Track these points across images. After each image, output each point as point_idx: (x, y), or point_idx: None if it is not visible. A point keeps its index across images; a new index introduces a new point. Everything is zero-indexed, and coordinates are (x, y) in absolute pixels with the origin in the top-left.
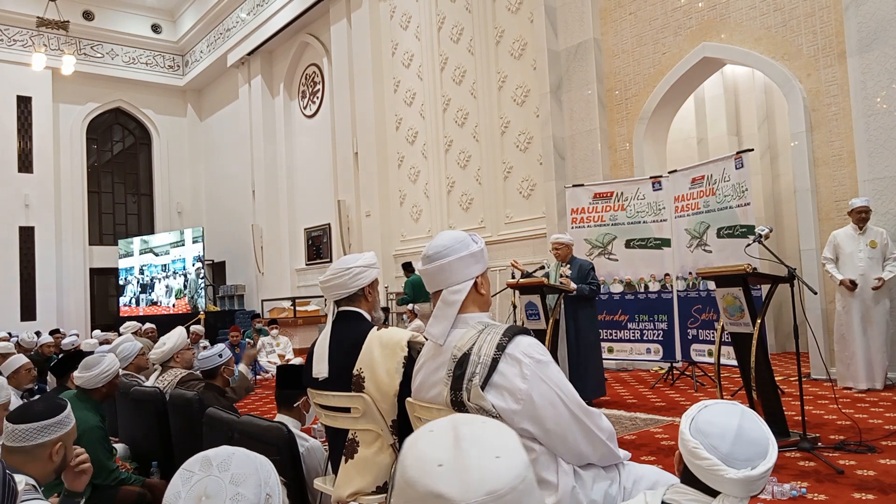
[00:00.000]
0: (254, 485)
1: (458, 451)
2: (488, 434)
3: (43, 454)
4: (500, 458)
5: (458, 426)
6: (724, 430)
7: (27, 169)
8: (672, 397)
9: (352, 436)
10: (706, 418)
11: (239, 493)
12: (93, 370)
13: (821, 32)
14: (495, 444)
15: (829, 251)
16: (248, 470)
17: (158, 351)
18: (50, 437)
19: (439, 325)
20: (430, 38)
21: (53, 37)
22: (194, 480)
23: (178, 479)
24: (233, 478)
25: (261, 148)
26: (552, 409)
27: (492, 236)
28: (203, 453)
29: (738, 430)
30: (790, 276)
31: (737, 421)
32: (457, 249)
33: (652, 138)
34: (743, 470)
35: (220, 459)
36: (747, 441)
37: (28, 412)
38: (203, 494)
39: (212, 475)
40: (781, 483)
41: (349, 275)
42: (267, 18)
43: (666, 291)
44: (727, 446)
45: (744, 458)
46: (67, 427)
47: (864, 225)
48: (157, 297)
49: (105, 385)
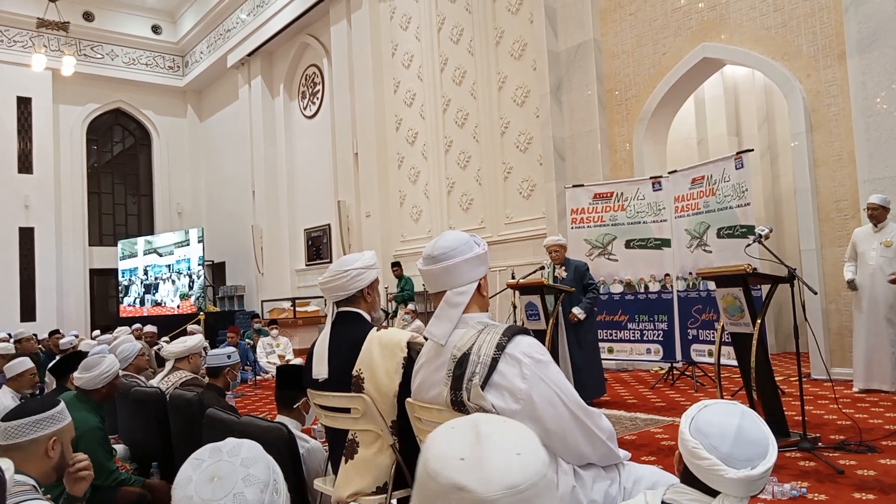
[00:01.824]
0: (263, 467)
1: (480, 446)
2: (509, 432)
3: (38, 450)
4: (520, 454)
5: (479, 423)
6: (724, 430)
7: (27, 170)
8: (672, 397)
9: (352, 436)
10: (706, 418)
11: (250, 473)
12: (93, 371)
13: (821, 33)
14: (517, 441)
15: (849, 250)
16: (257, 454)
17: (180, 346)
18: (43, 433)
19: (442, 325)
20: (430, 38)
21: (53, 38)
22: (205, 466)
23: (188, 465)
24: (243, 461)
25: (261, 148)
26: (552, 409)
27: (492, 237)
28: (211, 444)
29: (738, 430)
30: (790, 277)
31: (737, 421)
32: (463, 251)
33: (652, 139)
34: (743, 470)
35: (229, 447)
36: (747, 441)
37: (21, 409)
38: (215, 476)
39: (222, 460)
40: (782, 483)
41: (347, 276)
42: (267, 19)
43: (666, 292)
44: (727, 446)
45: (744, 458)
46: (62, 423)
47: (878, 223)
48: (161, 298)
49: (105, 386)
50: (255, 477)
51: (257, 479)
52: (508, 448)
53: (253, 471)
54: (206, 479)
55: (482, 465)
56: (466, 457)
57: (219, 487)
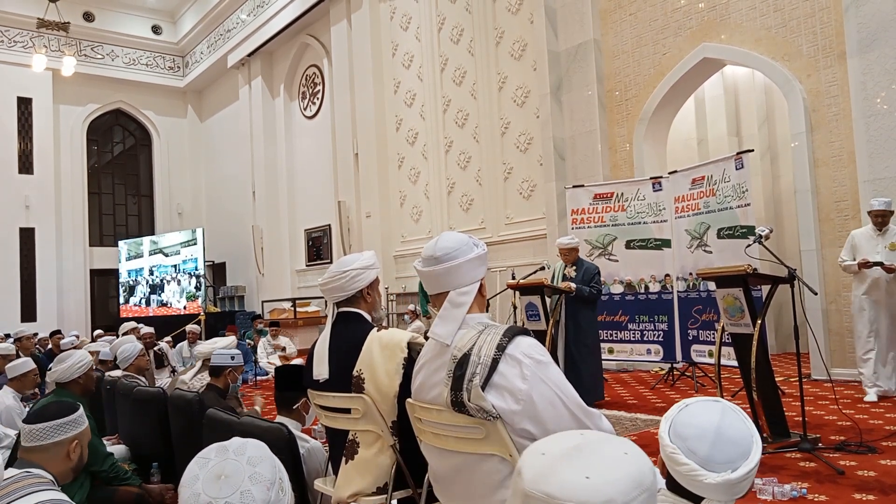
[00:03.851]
0: (269, 466)
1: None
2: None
3: (60, 452)
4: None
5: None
6: (703, 432)
7: (27, 170)
8: (672, 398)
9: (352, 437)
10: (684, 420)
11: (256, 471)
12: (65, 363)
13: (821, 33)
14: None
15: (847, 252)
16: (263, 453)
17: (210, 346)
18: (66, 436)
19: (446, 325)
20: (430, 39)
21: (54, 38)
22: (211, 464)
23: (194, 464)
24: (249, 459)
25: (261, 149)
26: (552, 410)
27: (492, 237)
28: (217, 443)
29: (717, 430)
30: (790, 277)
31: (716, 420)
32: (465, 251)
33: (652, 139)
34: (723, 474)
35: (235, 446)
36: (727, 441)
37: (43, 413)
38: (222, 474)
39: (229, 459)
40: (782, 484)
41: (347, 277)
42: (267, 19)
43: (666, 292)
44: (705, 449)
45: (723, 461)
46: (82, 426)
47: (883, 227)
48: (167, 299)
49: (81, 377)
50: (262, 475)
51: (263, 478)
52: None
53: (259, 469)
54: (212, 476)
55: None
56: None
57: (226, 485)
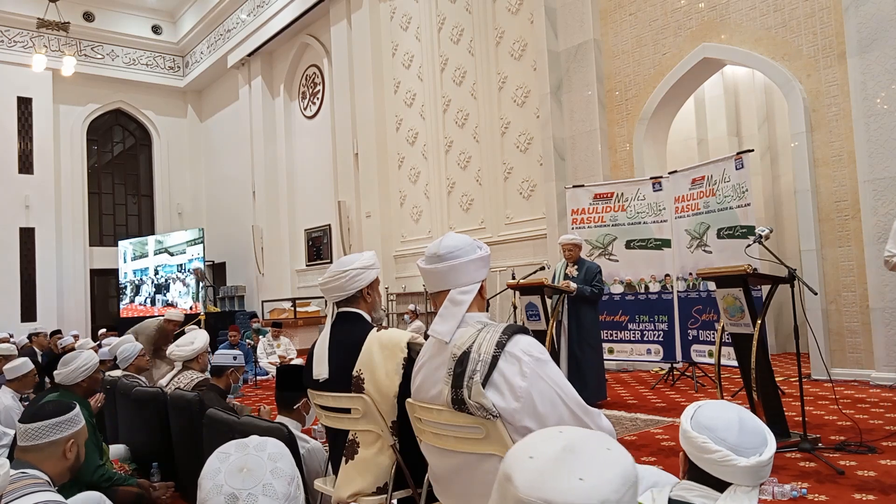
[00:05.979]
0: (288, 462)
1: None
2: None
3: (56, 452)
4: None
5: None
6: (729, 423)
7: (27, 170)
8: (672, 398)
9: (352, 437)
10: (706, 414)
11: (277, 466)
12: (70, 365)
13: (821, 33)
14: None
15: (893, 244)
16: (282, 450)
17: (187, 349)
18: (62, 435)
19: (446, 323)
20: (430, 38)
21: (54, 38)
22: (232, 459)
23: (214, 458)
24: (270, 455)
25: (261, 149)
26: (552, 408)
27: (492, 237)
28: (235, 440)
29: (740, 421)
30: (790, 277)
31: (736, 414)
32: (468, 252)
33: (652, 139)
34: (753, 457)
35: (255, 442)
36: (750, 430)
37: (39, 412)
38: (244, 467)
39: (249, 454)
40: (782, 484)
41: (346, 277)
42: (267, 19)
43: (666, 292)
44: (734, 436)
45: (751, 447)
46: (78, 425)
47: None
48: (172, 298)
49: (85, 380)
50: (283, 470)
51: (284, 473)
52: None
53: (280, 465)
54: (235, 469)
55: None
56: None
57: (249, 478)
